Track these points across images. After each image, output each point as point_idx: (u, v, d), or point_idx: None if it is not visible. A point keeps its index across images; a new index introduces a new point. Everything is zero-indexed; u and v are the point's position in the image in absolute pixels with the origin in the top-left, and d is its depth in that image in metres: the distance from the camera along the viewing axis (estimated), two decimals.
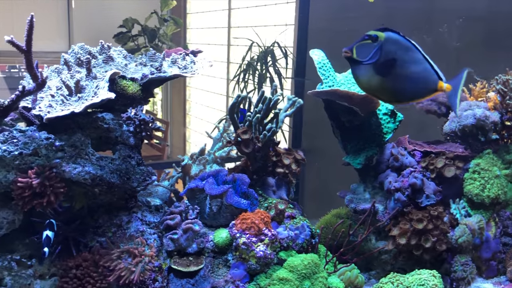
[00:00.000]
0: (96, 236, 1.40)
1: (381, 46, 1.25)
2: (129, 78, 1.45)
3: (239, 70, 4.13)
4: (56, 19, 5.68)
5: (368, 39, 1.26)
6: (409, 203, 1.70)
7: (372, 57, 1.25)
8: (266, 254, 1.43)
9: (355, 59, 1.27)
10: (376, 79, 1.27)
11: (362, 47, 1.27)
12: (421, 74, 1.26)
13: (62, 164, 1.29)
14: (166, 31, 5.73)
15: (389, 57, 1.25)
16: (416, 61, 1.26)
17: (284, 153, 1.70)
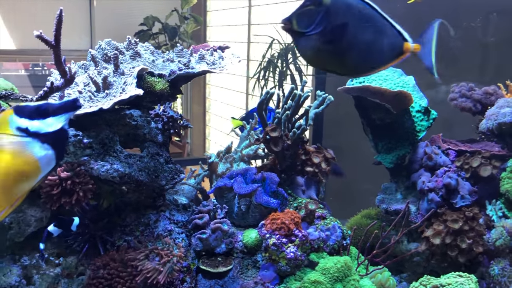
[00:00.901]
0: (123, 235, 1.37)
1: (327, 10, 1.03)
2: (156, 75, 1.42)
3: (259, 68, 4.09)
4: (78, 18, 5.72)
5: (310, 5, 1.04)
6: (443, 204, 1.64)
7: (317, 25, 1.03)
8: (297, 255, 1.39)
9: (296, 31, 1.05)
10: (325, 51, 1.06)
11: (304, 15, 1.05)
12: (380, 37, 1.07)
13: (90, 162, 1.26)
14: (187, 29, 5.72)
15: (339, 22, 1.04)
16: (373, 23, 1.07)
17: (313, 151, 1.65)
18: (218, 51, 1.54)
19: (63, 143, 0.92)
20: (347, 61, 1.10)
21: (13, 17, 5.19)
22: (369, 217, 1.85)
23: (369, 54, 1.08)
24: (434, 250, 1.62)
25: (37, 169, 0.88)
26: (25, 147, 0.85)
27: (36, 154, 0.86)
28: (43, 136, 0.87)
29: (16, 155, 0.85)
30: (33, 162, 0.86)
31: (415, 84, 1.78)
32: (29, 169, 0.86)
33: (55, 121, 0.88)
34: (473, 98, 1.78)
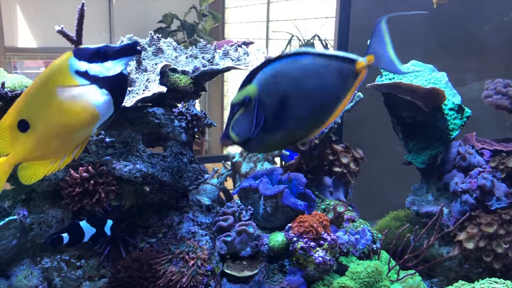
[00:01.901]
0: (146, 237, 1.33)
1: (259, 102, 0.87)
2: (180, 71, 1.37)
3: None
4: (97, 15, 5.72)
5: (239, 109, 0.88)
6: (477, 206, 1.56)
7: (257, 123, 0.88)
8: (325, 260, 1.33)
9: (240, 141, 0.90)
10: (279, 135, 0.91)
11: (239, 123, 0.89)
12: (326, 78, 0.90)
13: (112, 161, 1.22)
14: (205, 26, 5.68)
15: (277, 104, 0.87)
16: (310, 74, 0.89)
17: (342, 151, 1.59)
18: (243, 47, 1.48)
19: (122, 89, 0.86)
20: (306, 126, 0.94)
21: (34, 15, 5.21)
22: (398, 219, 1.78)
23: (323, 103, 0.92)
24: (468, 254, 1.55)
25: (95, 116, 0.83)
26: (83, 93, 0.81)
27: (94, 100, 0.81)
28: (102, 81, 0.82)
29: (74, 101, 0.81)
30: (92, 108, 0.82)
31: (448, 80, 1.70)
32: (88, 116, 0.82)
33: (114, 65, 0.83)
34: (509, 95, 1.70)
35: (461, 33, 2.52)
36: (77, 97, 0.80)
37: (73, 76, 0.81)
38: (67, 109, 0.80)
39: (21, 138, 0.82)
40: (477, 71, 2.40)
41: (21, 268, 1.21)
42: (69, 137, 0.84)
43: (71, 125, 0.82)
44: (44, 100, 0.81)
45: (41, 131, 0.82)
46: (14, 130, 0.82)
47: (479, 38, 2.40)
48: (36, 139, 0.82)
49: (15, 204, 1.26)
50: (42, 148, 0.83)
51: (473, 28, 2.44)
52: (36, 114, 0.81)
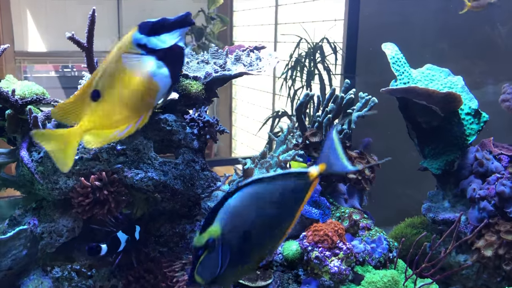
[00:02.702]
0: (158, 246, 1.31)
1: (223, 241, 0.86)
2: (191, 77, 1.34)
3: (286, 67, 4.01)
4: (106, 19, 5.74)
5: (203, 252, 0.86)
6: (495, 213, 1.52)
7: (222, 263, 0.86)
8: (341, 269, 1.30)
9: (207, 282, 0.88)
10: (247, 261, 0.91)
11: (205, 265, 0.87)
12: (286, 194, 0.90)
13: (124, 169, 1.20)
14: (213, 30, 5.67)
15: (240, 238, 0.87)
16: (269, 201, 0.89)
17: (356, 157, 1.56)
18: (255, 52, 1.45)
19: (177, 60, 0.88)
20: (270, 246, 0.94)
21: (44, 19, 5.23)
22: (413, 226, 1.75)
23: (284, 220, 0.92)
24: (486, 262, 1.51)
25: (154, 86, 0.88)
26: (142, 63, 0.86)
27: (152, 70, 0.86)
28: (159, 53, 0.86)
29: (135, 72, 0.87)
30: (150, 78, 0.87)
31: (464, 84, 1.66)
32: (147, 85, 0.87)
33: (169, 37, 0.86)
34: None
35: (476, 35, 2.48)
36: (137, 66, 0.86)
37: (134, 48, 0.86)
38: (130, 78, 0.86)
39: (92, 107, 0.89)
40: (493, 74, 2.36)
41: (31, 278, 1.19)
42: (133, 106, 0.89)
43: (133, 94, 0.88)
44: (112, 70, 0.88)
45: (109, 99, 0.89)
46: (87, 100, 0.89)
47: (495, 40, 2.35)
48: (105, 107, 0.89)
49: (25, 213, 1.24)
50: (110, 116, 0.90)
51: (488, 29, 2.40)
52: (105, 84, 0.88)
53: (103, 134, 0.91)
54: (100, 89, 0.88)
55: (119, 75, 0.87)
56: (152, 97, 0.89)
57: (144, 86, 0.87)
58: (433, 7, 2.73)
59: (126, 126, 0.90)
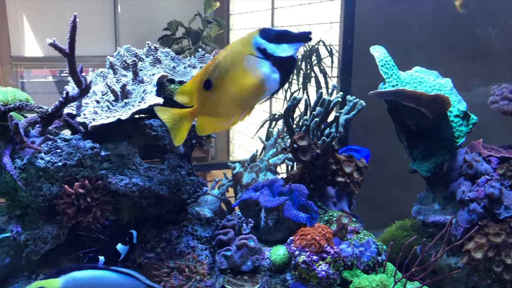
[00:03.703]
0: (144, 251, 1.30)
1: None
2: (177, 82, 1.34)
3: None
4: (103, 23, 5.74)
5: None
6: (485, 215, 1.52)
7: None
8: (329, 274, 1.29)
9: None
10: None
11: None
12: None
13: (108, 176, 1.19)
14: (210, 33, 5.67)
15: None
16: None
17: (345, 160, 1.55)
18: None
19: (289, 69, 0.97)
20: None
21: (40, 24, 5.23)
22: (404, 229, 1.74)
23: None
24: (476, 265, 1.50)
25: (263, 88, 0.95)
26: (259, 66, 0.93)
27: (265, 74, 0.93)
28: (275, 59, 0.93)
29: (250, 72, 0.93)
30: (262, 81, 0.94)
31: (453, 87, 1.66)
32: (258, 86, 0.94)
33: (288, 48, 0.93)
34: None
35: (466, 37, 2.48)
36: (253, 68, 0.93)
37: (254, 50, 0.93)
38: (244, 77, 0.93)
39: (204, 95, 0.97)
40: (483, 76, 2.36)
41: (16, 286, 1.18)
42: (239, 101, 0.97)
43: (243, 90, 0.95)
44: (228, 65, 0.95)
45: (220, 91, 0.96)
46: (200, 87, 0.97)
47: (484, 42, 2.36)
48: (215, 97, 0.97)
49: (10, 220, 1.23)
50: (218, 107, 0.98)
51: (478, 32, 2.40)
52: (219, 76, 0.95)
53: (210, 122, 1.00)
54: (213, 80, 0.95)
55: (234, 71, 0.94)
56: (258, 97, 0.97)
57: (255, 86, 0.94)
58: (427, 9, 2.73)
59: (230, 118, 0.99)
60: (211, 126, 1.01)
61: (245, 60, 0.93)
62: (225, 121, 1.00)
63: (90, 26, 5.54)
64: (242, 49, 0.94)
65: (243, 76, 0.94)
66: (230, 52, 0.96)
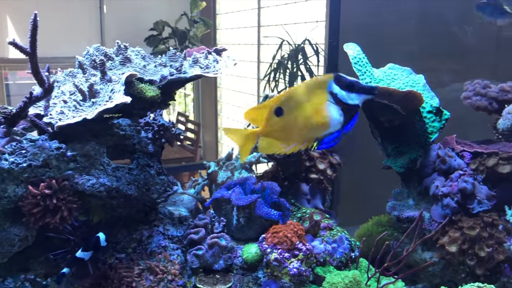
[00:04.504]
0: (115, 252, 1.29)
1: None
2: (147, 80, 1.33)
3: (269, 69, 4.00)
4: (88, 24, 5.71)
5: None
6: (459, 210, 1.52)
7: None
8: (301, 271, 1.29)
9: None
10: None
11: None
12: None
13: (74, 176, 1.18)
14: (196, 33, 5.66)
15: None
16: None
17: (318, 157, 1.55)
18: (213, 54, 1.45)
19: (353, 117, 1.09)
20: None
21: (24, 26, 5.19)
22: (380, 224, 1.74)
23: None
24: (450, 259, 1.51)
25: (328, 127, 1.08)
26: (328, 108, 1.07)
27: (333, 115, 1.07)
28: (343, 105, 1.07)
29: (320, 111, 1.07)
30: (328, 121, 1.07)
31: (426, 83, 1.66)
32: (323, 125, 1.08)
33: (355, 97, 1.07)
34: (488, 96, 1.66)
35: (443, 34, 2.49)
36: (323, 107, 1.07)
37: (327, 93, 1.07)
38: (314, 113, 1.07)
39: (273, 119, 1.09)
40: (460, 72, 2.37)
41: None
42: (303, 132, 1.09)
43: (310, 124, 1.08)
44: (301, 99, 1.07)
45: (289, 120, 1.08)
46: (271, 113, 1.08)
47: (461, 39, 2.37)
48: (283, 124, 1.09)
49: None
50: (284, 133, 1.10)
51: (455, 29, 2.41)
52: (290, 106, 1.08)
53: (273, 144, 1.11)
54: (285, 109, 1.08)
55: (305, 107, 1.07)
56: (320, 133, 1.10)
57: (321, 124, 1.08)
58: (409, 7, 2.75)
59: (292, 144, 1.11)
60: (273, 148, 1.12)
61: (317, 100, 1.07)
62: (287, 146, 1.12)
63: (75, 27, 5.51)
64: (317, 89, 1.07)
65: (313, 113, 1.07)
66: (305, 89, 1.08)
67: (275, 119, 1.09)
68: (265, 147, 1.12)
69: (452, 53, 2.45)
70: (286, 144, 1.11)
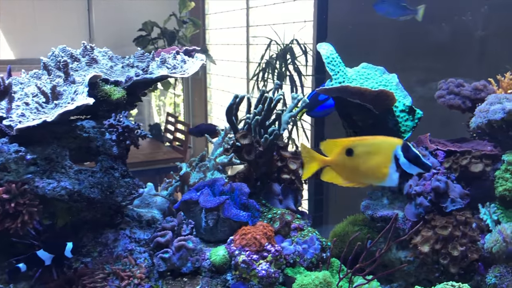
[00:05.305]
0: (80, 256, 1.27)
1: None
2: (112, 81, 1.31)
3: (258, 69, 3.99)
4: (76, 25, 5.69)
5: None
6: (432, 209, 1.52)
7: None
8: (269, 273, 1.28)
9: None
10: None
11: None
12: None
13: (35, 180, 1.16)
14: (185, 33, 5.63)
15: None
16: None
17: (290, 157, 1.54)
18: (181, 55, 1.43)
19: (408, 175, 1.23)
20: None
21: (12, 27, 5.15)
22: (355, 223, 1.73)
23: None
24: (424, 258, 1.50)
25: (383, 182, 1.22)
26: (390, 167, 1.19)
27: (391, 175, 1.20)
28: (402, 171, 1.20)
29: (382, 166, 1.20)
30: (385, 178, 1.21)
31: (399, 82, 1.66)
32: (380, 178, 1.22)
33: (414, 169, 1.20)
34: (462, 94, 1.66)
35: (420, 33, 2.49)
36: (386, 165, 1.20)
37: (392, 155, 1.19)
38: (375, 166, 1.20)
39: (343, 156, 1.21)
40: (437, 71, 2.37)
41: None
42: (361, 177, 1.24)
43: (369, 173, 1.22)
44: (369, 150, 1.21)
45: (354, 162, 1.21)
46: (343, 150, 1.21)
47: (439, 37, 2.37)
48: (348, 163, 1.21)
49: None
50: (346, 171, 1.23)
51: (432, 28, 2.41)
52: (359, 152, 1.21)
53: (333, 175, 1.24)
54: (355, 152, 1.20)
55: (371, 157, 1.20)
56: (374, 183, 1.30)
57: (378, 177, 1.21)
58: None
59: (352, 183, 1.26)
60: (332, 179, 1.25)
61: (383, 157, 1.19)
62: (346, 182, 1.26)
63: (63, 28, 5.48)
64: (385, 148, 1.20)
65: (375, 166, 1.20)
66: (376, 143, 1.22)
67: (345, 156, 1.21)
68: (327, 176, 1.26)
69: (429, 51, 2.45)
70: (347, 181, 1.26)
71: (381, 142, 1.23)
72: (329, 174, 1.25)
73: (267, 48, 3.94)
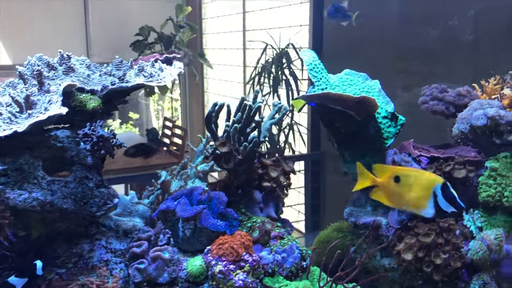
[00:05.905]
0: (54, 267, 1.25)
1: None
2: (88, 90, 1.30)
3: (254, 73, 3.98)
4: (73, 29, 5.70)
5: None
6: (415, 215, 1.50)
7: None
8: (247, 283, 1.26)
9: None
10: None
11: None
12: None
13: (5, 191, 1.15)
14: (182, 38, 5.63)
15: None
16: None
17: (271, 164, 1.52)
18: (159, 63, 1.42)
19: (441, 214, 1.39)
20: None
21: (8, 32, 5.17)
22: (340, 230, 1.71)
23: None
24: (407, 266, 1.48)
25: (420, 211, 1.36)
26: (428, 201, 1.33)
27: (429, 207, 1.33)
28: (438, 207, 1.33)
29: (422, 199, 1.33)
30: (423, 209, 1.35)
31: (381, 88, 1.64)
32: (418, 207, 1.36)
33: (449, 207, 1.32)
34: (445, 100, 1.64)
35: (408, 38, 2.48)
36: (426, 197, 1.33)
37: (431, 190, 1.31)
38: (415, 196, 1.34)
39: (391, 181, 1.35)
40: (424, 76, 2.36)
41: None
42: (402, 203, 1.37)
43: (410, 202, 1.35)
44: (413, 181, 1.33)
45: (399, 188, 1.35)
46: (392, 176, 1.35)
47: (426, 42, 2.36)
48: (394, 188, 1.35)
49: None
50: (391, 194, 1.37)
51: (420, 32, 2.40)
52: (405, 180, 1.34)
53: (381, 195, 1.39)
54: (402, 180, 1.34)
55: (414, 188, 1.33)
56: (412, 211, 1.39)
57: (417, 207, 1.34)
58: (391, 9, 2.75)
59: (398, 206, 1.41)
60: (379, 198, 1.40)
61: (424, 191, 1.31)
62: (394, 205, 1.42)
63: (60, 32, 5.49)
64: (427, 184, 1.31)
65: (416, 196, 1.32)
66: (420, 177, 1.33)
67: (392, 182, 1.35)
68: (375, 195, 1.40)
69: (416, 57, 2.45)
70: (393, 204, 1.40)
71: (423, 177, 1.33)
72: (377, 194, 1.39)
73: (263, 52, 3.94)
